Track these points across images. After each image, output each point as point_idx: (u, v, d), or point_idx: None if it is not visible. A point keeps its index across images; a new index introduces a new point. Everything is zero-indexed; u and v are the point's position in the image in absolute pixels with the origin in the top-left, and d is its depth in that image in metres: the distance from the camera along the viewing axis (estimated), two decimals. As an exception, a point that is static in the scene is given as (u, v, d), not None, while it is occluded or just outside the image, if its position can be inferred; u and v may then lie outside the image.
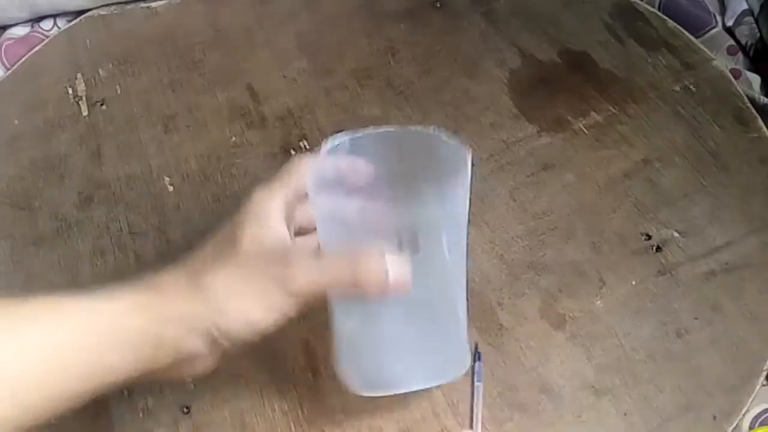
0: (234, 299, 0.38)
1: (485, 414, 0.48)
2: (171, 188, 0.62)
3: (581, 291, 0.54)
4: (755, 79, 0.67)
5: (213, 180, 0.63)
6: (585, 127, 0.63)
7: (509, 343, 0.52)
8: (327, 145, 0.42)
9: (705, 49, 0.67)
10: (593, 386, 0.49)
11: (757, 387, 0.49)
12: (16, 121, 0.68)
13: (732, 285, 0.53)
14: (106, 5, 0.77)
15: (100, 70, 0.72)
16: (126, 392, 0.51)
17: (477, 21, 0.72)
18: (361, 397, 0.44)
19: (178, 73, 0.71)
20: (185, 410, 0.50)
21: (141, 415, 0.50)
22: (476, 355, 0.50)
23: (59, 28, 0.76)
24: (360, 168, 0.43)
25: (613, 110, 0.64)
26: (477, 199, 0.59)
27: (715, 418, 0.48)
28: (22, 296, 0.36)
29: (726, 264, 0.54)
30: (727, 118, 0.62)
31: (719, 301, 0.53)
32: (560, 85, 0.66)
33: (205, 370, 0.40)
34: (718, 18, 0.71)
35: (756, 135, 0.61)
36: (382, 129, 0.43)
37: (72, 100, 0.70)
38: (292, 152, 0.64)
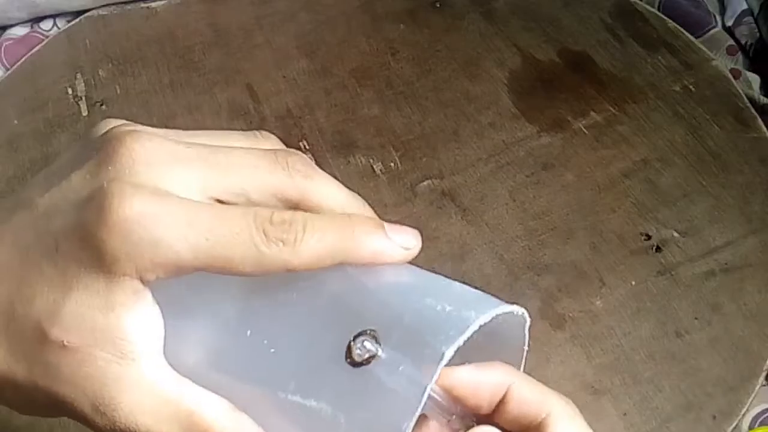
0: None
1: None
2: (171, 188, 0.62)
3: (581, 291, 0.54)
4: (755, 79, 0.67)
5: (213, 180, 0.63)
6: (585, 127, 0.63)
7: (509, 343, 0.52)
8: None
9: (705, 49, 0.67)
10: (593, 386, 0.49)
11: (757, 387, 0.49)
12: (15, 121, 0.68)
13: (732, 285, 0.53)
14: (106, 5, 0.77)
15: (99, 71, 0.72)
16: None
17: (477, 21, 0.72)
18: None
19: (178, 73, 0.71)
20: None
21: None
22: None
23: (59, 28, 0.76)
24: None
25: (613, 110, 0.64)
26: (477, 199, 0.59)
27: (714, 418, 0.48)
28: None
29: (726, 264, 0.54)
30: (727, 118, 0.62)
31: (719, 301, 0.53)
32: (560, 85, 0.66)
33: None
34: (718, 18, 0.71)
35: (756, 135, 0.61)
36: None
37: (72, 100, 0.70)
38: (292, 152, 0.64)
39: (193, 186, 0.24)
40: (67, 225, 0.24)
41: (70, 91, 0.70)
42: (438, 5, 0.74)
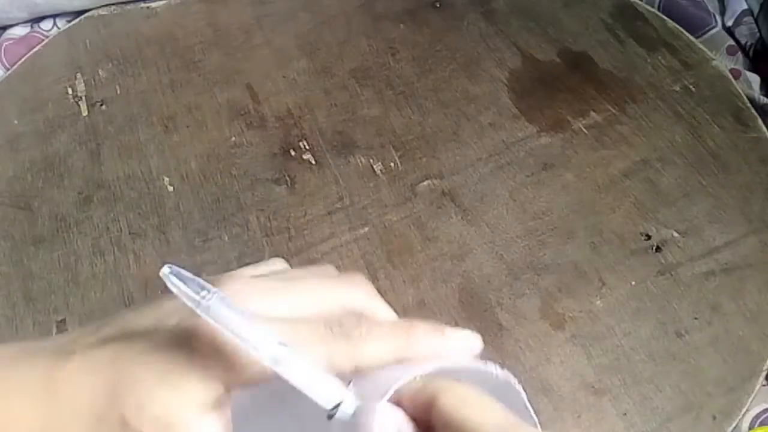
0: None
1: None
2: (170, 188, 0.62)
3: (581, 291, 0.54)
4: (755, 79, 0.67)
5: (212, 180, 0.63)
6: (585, 127, 0.63)
7: (509, 343, 0.52)
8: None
9: (705, 49, 0.67)
10: (593, 386, 0.49)
11: (757, 387, 0.49)
12: (16, 121, 0.68)
13: (732, 285, 0.53)
14: (106, 5, 0.77)
15: (99, 70, 0.72)
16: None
17: (477, 21, 0.72)
18: None
19: (178, 73, 0.71)
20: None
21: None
22: None
23: (59, 28, 0.76)
24: None
25: (613, 110, 0.64)
26: (477, 199, 0.59)
27: (714, 418, 0.48)
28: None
29: (726, 264, 0.54)
30: (727, 118, 0.62)
31: (719, 301, 0.53)
32: (560, 85, 0.66)
33: None
34: (718, 18, 0.71)
35: (756, 135, 0.61)
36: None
37: (72, 100, 0.70)
38: (292, 152, 0.64)
39: (273, 311, 0.27)
40: (165, 334, 0.26)
41: (70, 91, 0.70)
42: (438, 5, 0.74)
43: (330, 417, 0.25)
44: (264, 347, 0.24)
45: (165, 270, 0.24)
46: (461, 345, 0.29)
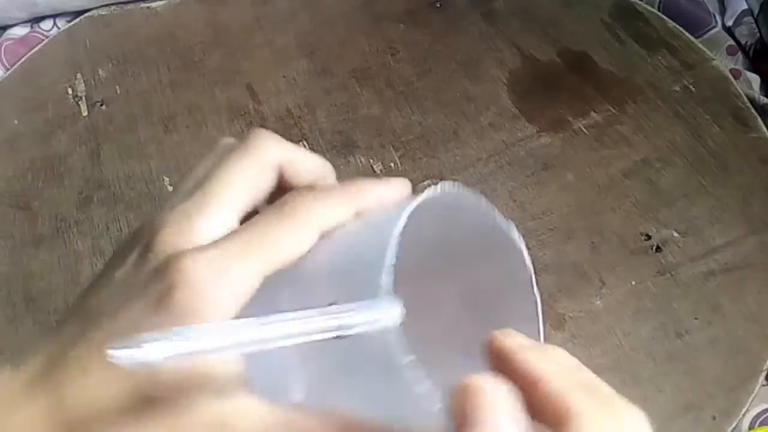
0: None
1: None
2: (170, 188, 0.62)
3: (581, 291, 0.54)
4: (755, 79, 0.67)
5: (213, 180, 0.63)
6: (585, 127, 0.63)
7: (509, 343, 0.52)
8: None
9: (705, 49, 0.67)
10: (593, 386, 0.49)
11: (757, 387, 0.49)
12: (15, 121, 0.68)
13: (732, 285, 0.53)
14: (106, 5, 0.77)
15: (99, 70, 0.72)
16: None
17: (477, 21, 0.72)
18: None
19: (178, 73, 0.71)
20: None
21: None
22: None
23: (59, 28, 0.76)
24: None
25: (613, 110, 0.64)
26: (477, 199, 0.59)
27: (714, 418, 0.48)
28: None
29: (726, 264, 0.54)
30: (727, 118, 0.62)
31: (719, 301, 0.53)
32: (560, 85, 0.66)
33: None
34: (718, 18, 0.71)
35: (756, 135, 0.61)
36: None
37: (72, 100, 0.70)
38: (292, 152, 0.64)
39: (217, 228, 0.27)
40: (139, 309, 0.25)
41: (70, 91, 0.70)
42: (438, 5, 0.74)
43: (340, 337, 0.23)
44: (243, 345, 0.22)
45: (112, 355, 0.20)
46: (398, 190, 0.30)
